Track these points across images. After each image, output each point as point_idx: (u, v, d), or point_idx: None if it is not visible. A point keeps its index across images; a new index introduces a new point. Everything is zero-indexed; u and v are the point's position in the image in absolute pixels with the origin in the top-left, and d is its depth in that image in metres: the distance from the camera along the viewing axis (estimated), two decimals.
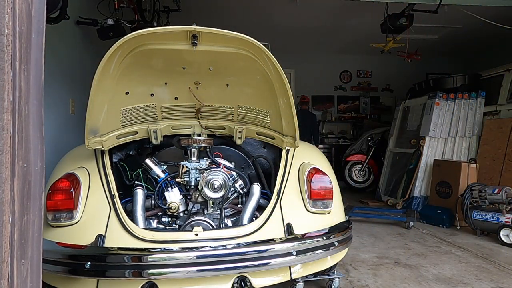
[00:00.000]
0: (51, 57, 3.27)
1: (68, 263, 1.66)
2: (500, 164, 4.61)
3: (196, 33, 1.62)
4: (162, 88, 2.05)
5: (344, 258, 2.35)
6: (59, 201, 1.84)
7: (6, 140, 0.51)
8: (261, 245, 1.78)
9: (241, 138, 2.31)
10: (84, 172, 2.02)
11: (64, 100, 3.68)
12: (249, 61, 1.77)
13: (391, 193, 5.51)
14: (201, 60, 1.85)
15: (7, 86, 0.51)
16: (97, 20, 3.88)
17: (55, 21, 3.00)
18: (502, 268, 2.84)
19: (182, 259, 1.66)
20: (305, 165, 2.19)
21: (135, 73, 1.87)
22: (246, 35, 1.61)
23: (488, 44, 6.98)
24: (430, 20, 4.98)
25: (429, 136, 5.05)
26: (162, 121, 2.23)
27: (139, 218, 1.97)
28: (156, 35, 1.63)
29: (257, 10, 5.57)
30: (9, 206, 0.52)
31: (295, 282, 2.02)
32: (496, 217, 3.60)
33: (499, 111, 4.97)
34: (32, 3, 0.57)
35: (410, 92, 6.23)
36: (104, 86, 1.76)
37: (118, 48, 1.58)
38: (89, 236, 1.78)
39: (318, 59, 8.12)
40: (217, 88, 2.08)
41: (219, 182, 2.04)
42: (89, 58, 4.19)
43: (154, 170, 2.18)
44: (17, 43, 0.53)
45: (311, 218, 2.02)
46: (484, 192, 3.71)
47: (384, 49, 5.46)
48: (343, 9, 5.35)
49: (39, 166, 0.59)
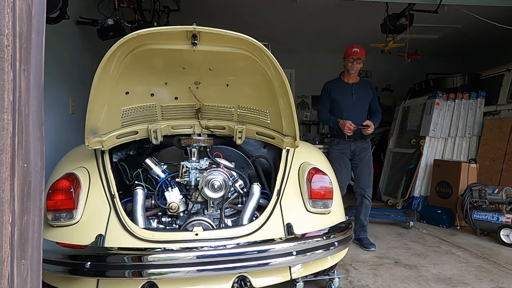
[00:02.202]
0: (51, 57, 3.27)
1: (68, 263, 1.66)
2: (500, 164, 4.60)
3: (196, 33, 1.62)
4: (162, 88, 2.05)
5: (344, 258, 2.35)
6: (59, 201, 1.84)
7: (6, 140, 0.51)
8: (261, 245, 1.78)
9: (241, 138, 2.31)
10: (84, 172, 2.02)
11: (64, 100, 3.68)
12: (249, 61, 1.77)
13: (391, 193, 5.51)
14: (201, 60, 1.85)
15: (7, 86, 0.51)
16: (97, 20, 3.88)
17: (55, 21, 3.00)
18: (502, 268, 2.84)
19: (182, 259, 1.66)
20: (305, 165, 2.19)
21: (135, 73, 1.88)
22: (246, 35, 1.61)
23: (488, 44, 6.98)
24: (430, 20, 4.97)
25: (429, 136, 5.05)
26: (162, 121, 2.23)
27: (139, 218, 1.97)
28: (156, 35, 1.63)
29: (257, 10, 5.57)
30: (9, 206, 0.52)
31: (295, 282, 2.02)
32: (496, 217, 3.60)
33: (499, 111, 4.97)
34: (32, 3, 0.57)
35: (410, 92, 6.23)
36: (104, 86, 1.76)
37: (118, 48, 1.58)
38: (89, 236, 1.79)
39: (318, 59, 8.11)
40: (217, 88, 2.08)
41: (219, 182, 2.04)
42: (89, 58, 4.19)
43: (154, 170, 2.18)
44: (17, 43, 0.53)
45: (311, 218, 2.02)
46: (484, 192, 3.71)
47: (384, 49, 5.46)
48: (343, 9, 5.35)
49: (39, 166, 0.59)
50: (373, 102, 3.50)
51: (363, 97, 3.44)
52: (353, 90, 3.41)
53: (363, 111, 3.46)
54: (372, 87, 3.53)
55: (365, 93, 3.46)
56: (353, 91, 3.40)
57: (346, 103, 3.38)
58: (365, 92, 3.46)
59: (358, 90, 3.42)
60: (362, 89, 3.45)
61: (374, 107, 3.51)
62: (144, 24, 4.09)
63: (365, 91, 3.46)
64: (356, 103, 3.39)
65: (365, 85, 3.51)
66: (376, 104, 3.52)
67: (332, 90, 3.44)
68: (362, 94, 3.44)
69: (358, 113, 3.38)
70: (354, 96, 3.40)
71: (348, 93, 3.41)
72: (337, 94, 3.41)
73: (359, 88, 3.44)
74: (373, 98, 3.50)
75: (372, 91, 3.51)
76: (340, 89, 3.43)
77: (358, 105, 3.40)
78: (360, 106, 3.43)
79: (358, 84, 3.47)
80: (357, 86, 3.44)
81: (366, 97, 3.46)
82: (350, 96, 3.40)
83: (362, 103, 3.45)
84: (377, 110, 3.50)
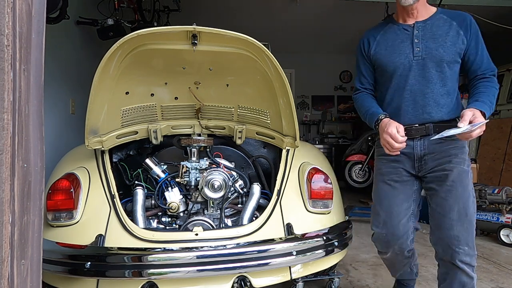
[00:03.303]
0: (51, 57, 3.27)
1: (68, 263, 1.66)
2: (500, 164, 4.61)
3: (196, 33, 1.62)
4: (162, 88, 2.05)
5: (344, 258, 2.35)
6: (59, 201, 1.84)
7: (6, 140, 0.51)
8: (261, 245, 1.77)
9: (241, 138, 2.31)
10: (84, 172, 2.02)
11: (64, 100, 3.68)
12: (249, 61, 1.77)
13: None
14: (201, 60, 1.85)
15: (7, 86, 0.51)
16: (97, 20, 3.88)
17: (55, 21, 3.00)
18: (502, 268, 2.84)
19: (182, 259, 1.66)
20: (305, 165, 2.19)
21: (135, 73, 1.87)
22: (246, 35, 1.61)
23: (488, 44, 6.98)
24: None
25: None
26: (162, 121, 2.23)
27: (139, 218, 1.97)
28: (156, 35, 1.63)
29: (257, 10, 5.57)
30: (9, 206, 0.52)
31: (295, 282, 2.01)
32: (496, 217, 3.60)
33: (499, 111, 4.97)
34: (32, 3, 0.57)
35: None
36: (104, 86, 1.76)
37: (118, 48, 1.58)
38: (89, 236, 1.78)
39: (318, 59, 8.11)
40: (217, 88, 2.08)
41: (219, 182, 2.04)
42: (89, 58, 4.19)
43: (154, 170, 2.18)
44: (17, 43, 0.53)
45: (311, 218, 2.02)
46: (484, 192, 3.71)
47: None
48: (343, 9, 5.35)
49: (39, 166, 0.59)
50: (470, 57, 1.66)
51: (440, 49, 1.62)
52: (416, 37, 1.66)
53: (443, 84, 1.65)
54: (468, 26, 1.65)
55: (447, 39, 1.63)
56: (414, 38, 1.66)
57: (399, 69, 1.67)
58: (446, 37, 1.63)
59: (428, 35, 1.65)
60: (438, 31, 1.64)
61: (475, 68, 1.67)
62: (144, 24, 4.10)
63: (447, 34, 1.63)
64: (424, 65, 1.65)
65: (447, 23, 1.66)
66: (481, 62, 1.67)
67: (375, 45, 1.76)
68: (439, 42, 1.63)
69: (428, 91, 1.65)
70: (417, 50, 1.65)
71: (405, 45, 1.68)
72: (384, 52, 1.73)
73: (431, 30, 1.65)
74: (471, 48, 1.65)
75: (468, 32, 1.64)
76: (390, 40, 1.72)
77: (427, 70, 1.64)
78: (434, 73, 1.64)
79: (428, 23, 1.67)
80: (425, 28, 1.66)
81: (449, 49, 1.62)
82: (409, 51, 1.66)
83: (439, 66, 1.63)
84: (484, 75, 1.68)
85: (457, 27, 1.64)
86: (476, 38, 1.65)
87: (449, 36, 1.63)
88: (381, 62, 1.73)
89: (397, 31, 1.72)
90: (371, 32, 1.83)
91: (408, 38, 1.67)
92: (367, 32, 1.85)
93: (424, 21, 1.67)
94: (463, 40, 1.63)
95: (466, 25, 1.64)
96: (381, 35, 1.77)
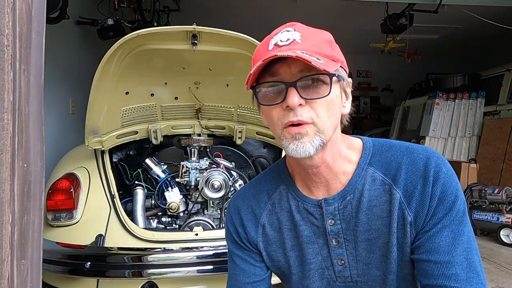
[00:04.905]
0: (51, 57, 3.27)
1: (68, 263, 1.66)
2: (500, 164, 4.61)
3: (196, 33, 1.62)
4: (162, 88, 2.05)
5: None
6: (59, 201, 1.84)
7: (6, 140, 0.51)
8: None
9: (241, 138, 2.31)
10: (84, 172, 2.02)
11: (64, 100, 3.68)
12: (249, 61, 1.76)
13: None
14: (201, 60, 1.85)
15: (7, 86, 0.51)
16: (97, 20, 3.88)
17: (55, 21, 3.00)
18: (502, 268, 2.83)
19: (182, 259, 1.66)
20: None
21: (135, 73, 1.87)
22: (246, 35, 1.61)
23: (488, 44, 6.98)
24: (430, 20, 4.98)
25: (429, 136, 5.05)
26: (162, 121, 2.23)
27: (139, 218, 1.97)
28: (156, 35, 1.63)
29: (257, 10, 5.57)
30: (9, 206, 0.52)
31: None
32: (496, 217, 3.60)
33: (499, 111, 4.97)
34: (32, 3, 0.57)
35: (410, 92, 6.23)
36: (104, 86, 1.76)
37: (118, 48, 1.58)
38: (89, 236, 1.78)
39: None
40: (217, 88, 2.08)
41: (219, 182, 2.04)
42: (89, 58, 4.19)
43: (154, 170, 2.18)
44: (17, 43, 0.53)
45: None
46: (484, 192, 3.71)
47: (384, 49, 5.46)
48: (343, 9, 5.35)
49: (39, 166, 0.59)
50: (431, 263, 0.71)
51: (375, 247, 0.77)
52: (331, 233, 0.80)
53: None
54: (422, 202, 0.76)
55: (385, 231, 0.76)
56: (330, 235, 0.81)
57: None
58: (382, 226, 0.76)
59: (351, 228, 0.79)
60: (369, 218, 0.78)
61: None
62: (144, 24, 4.10)
63: (383, 223, 0.76)
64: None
65: (385, 197, 0.78)
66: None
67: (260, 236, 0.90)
68: (373, 236, 0.77)
69: None
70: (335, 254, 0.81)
71: (317, 247, 0.82)
72: (276, 248, 0.88)
73: (361, 215, 0.78)
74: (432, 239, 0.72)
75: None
76: (284, 232, 0.87)
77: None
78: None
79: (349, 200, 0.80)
80: (344, 212, 0.79)
81: (387, 245, 0.76)
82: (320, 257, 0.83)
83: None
84: None
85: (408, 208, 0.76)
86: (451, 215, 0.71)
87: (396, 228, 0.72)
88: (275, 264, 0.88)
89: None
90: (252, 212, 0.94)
91: (320, 234, 0.78)
92: (239, 207, 0.96)
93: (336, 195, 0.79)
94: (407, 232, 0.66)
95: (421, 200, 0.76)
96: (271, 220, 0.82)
